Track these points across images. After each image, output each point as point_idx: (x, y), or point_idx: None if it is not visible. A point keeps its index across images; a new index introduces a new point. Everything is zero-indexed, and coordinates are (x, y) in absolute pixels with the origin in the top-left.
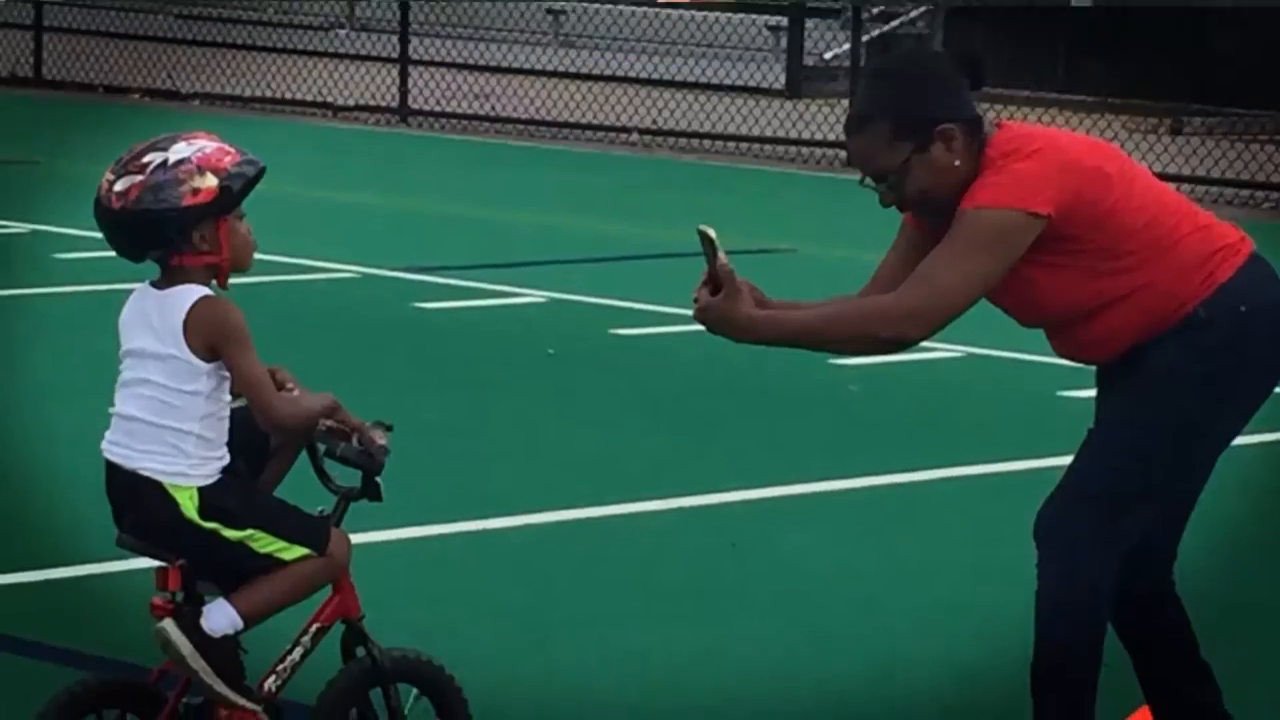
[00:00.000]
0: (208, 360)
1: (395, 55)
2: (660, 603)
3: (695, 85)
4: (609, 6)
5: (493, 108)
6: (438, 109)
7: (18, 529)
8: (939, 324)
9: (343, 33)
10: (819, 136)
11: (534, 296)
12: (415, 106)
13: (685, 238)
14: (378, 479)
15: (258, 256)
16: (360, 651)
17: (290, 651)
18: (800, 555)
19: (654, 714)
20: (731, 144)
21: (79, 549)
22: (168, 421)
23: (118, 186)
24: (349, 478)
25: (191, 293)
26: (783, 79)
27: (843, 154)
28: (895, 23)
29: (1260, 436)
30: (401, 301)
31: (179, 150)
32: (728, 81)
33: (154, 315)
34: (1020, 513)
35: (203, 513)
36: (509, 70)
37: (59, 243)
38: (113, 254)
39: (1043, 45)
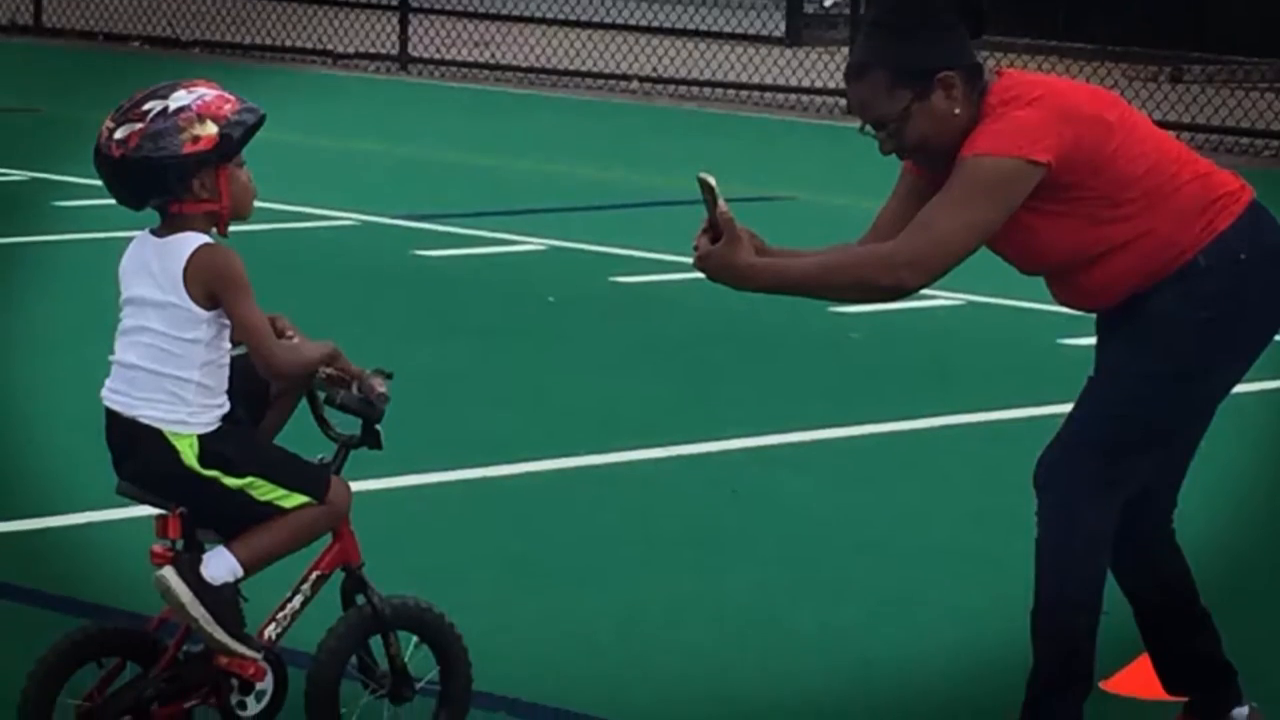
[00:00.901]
0: (207, 308)
1: (395, 2)
2: (661, 550)
3: (696, 33)
4: None
5: (493, 55)
6: (438, 56)
7: (18, 477)
8: (938, 272)
9: None
10: (819, 84)
11: (534, 244)
12: (415, 54)
13: (685, 185)
14: (378, 427)
15: (258, 204)
16: (360, 599)
17: (290, 599)
18: (801, 502)
19: (654, 661)
20: (732, 91)
21: (79, 497)
22: (168, 369)
23: (118, 134)
24: (349, 425)
25: (191, 240)
26: (783, 26)
27: (843, 102)
28: None
29: (1260, 384)
30: (401, 249)
31: (179, 98)
32: (728, 29)
33: (154, 263)
34: (1020, 460)
35: (203, 460)
36: (509, 18)
37: (59, 190)
38: (113, 202)
39: None
